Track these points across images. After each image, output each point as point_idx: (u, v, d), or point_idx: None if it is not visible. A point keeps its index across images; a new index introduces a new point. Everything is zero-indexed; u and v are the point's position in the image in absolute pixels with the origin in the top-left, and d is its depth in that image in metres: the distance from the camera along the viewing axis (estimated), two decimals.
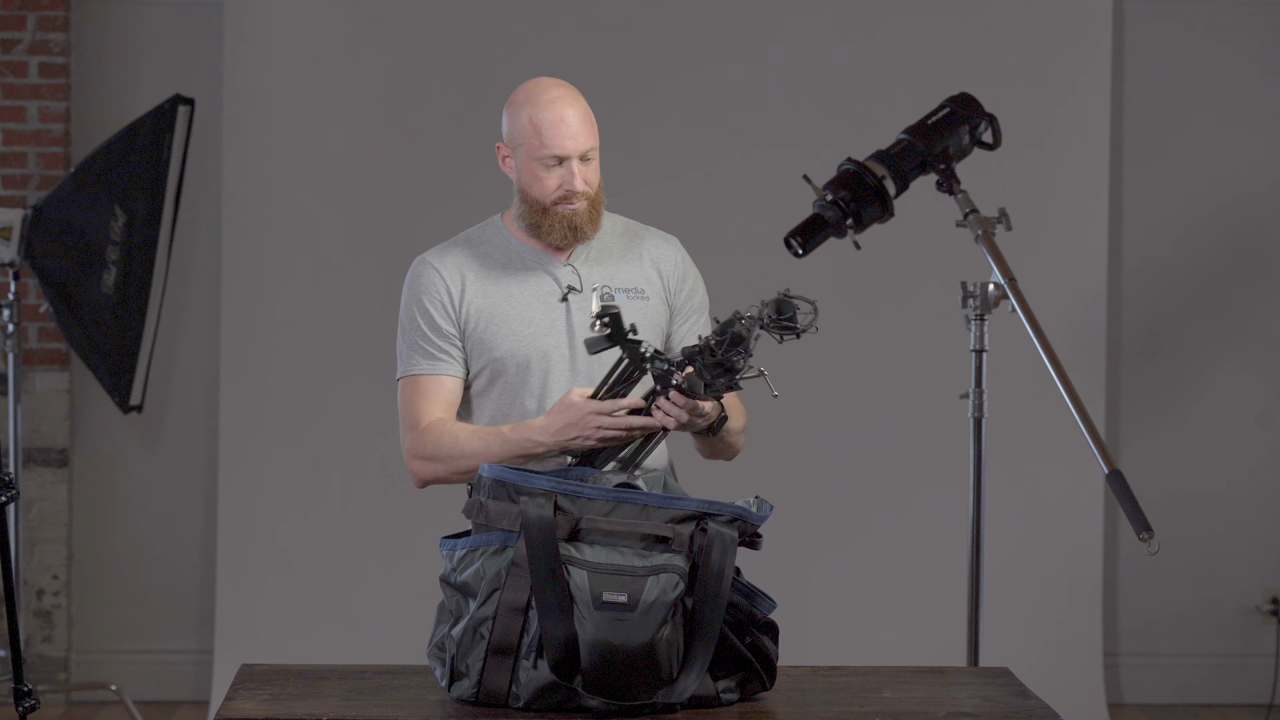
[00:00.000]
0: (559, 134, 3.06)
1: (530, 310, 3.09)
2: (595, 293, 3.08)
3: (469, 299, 3.12)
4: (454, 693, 2.58)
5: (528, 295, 3.10)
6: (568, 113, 3.08)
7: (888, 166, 3.66)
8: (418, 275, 3.19)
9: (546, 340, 3.08)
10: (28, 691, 3.33)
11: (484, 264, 3.14)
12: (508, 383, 3.10)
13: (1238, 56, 5.75)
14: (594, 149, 3.09)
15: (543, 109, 3.09)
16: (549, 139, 3.06)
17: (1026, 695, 2.68)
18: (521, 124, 3.10)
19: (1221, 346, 5.76)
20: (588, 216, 3.09)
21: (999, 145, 3.83)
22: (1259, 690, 5.69)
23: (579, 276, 3.11)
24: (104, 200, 5.04)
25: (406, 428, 3.15)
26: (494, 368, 3.10)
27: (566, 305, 3.10)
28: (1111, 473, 3.31)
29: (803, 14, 5.60)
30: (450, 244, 3.21)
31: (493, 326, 3.10)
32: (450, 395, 3.14)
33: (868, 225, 3.67)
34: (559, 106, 3.09)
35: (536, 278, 3.11)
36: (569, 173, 3.06)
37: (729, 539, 2.51)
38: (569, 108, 3.09)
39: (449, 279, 3.14)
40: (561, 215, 3.07)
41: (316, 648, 5.18)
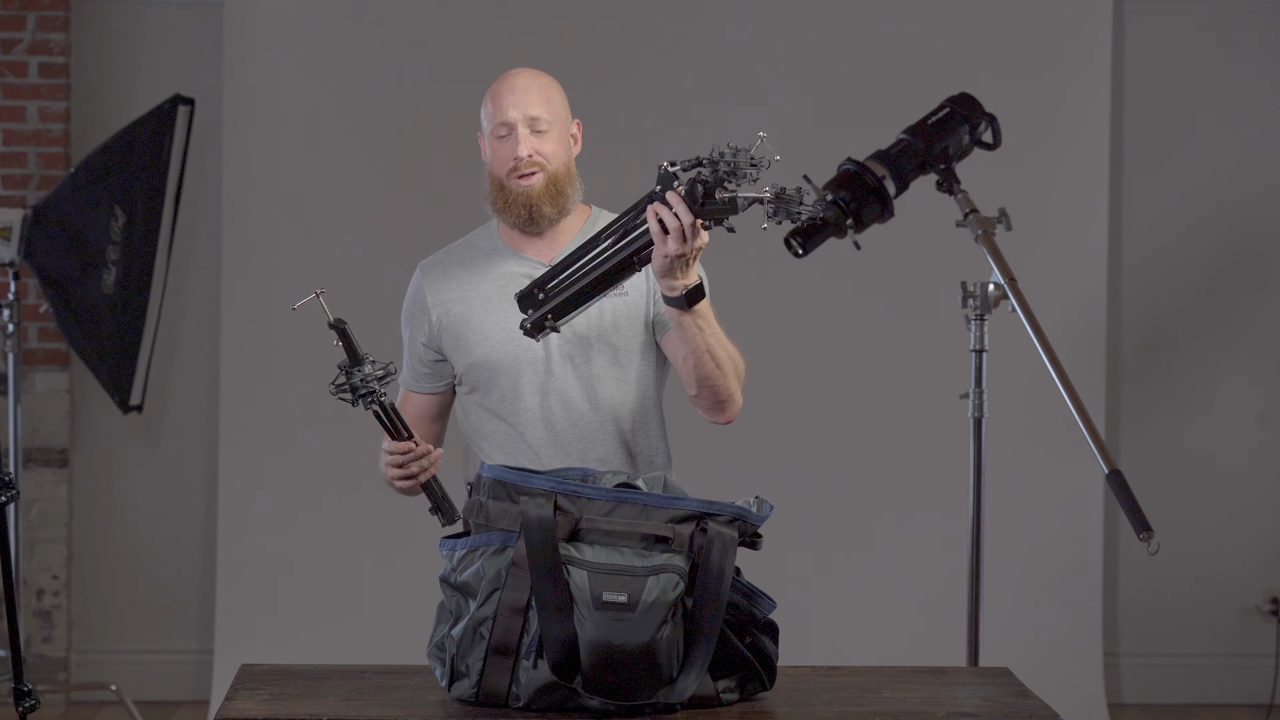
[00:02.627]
0: (505, 101, 3.14)
1: (505, 314, 3.15)
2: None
3: (448, 306, 3.21)
4: (454, 693, 2.58)
5: (505, 299, 3.15)
6: (516, 81, 3.16)
7: (888, 166, 3.66)
8: (410, 285, 3.32)
9: (519, 344, 3.13)
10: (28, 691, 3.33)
11: (467, 268, 3.22)
12: (483, 386, 3.21)
13: (1238, 56, 5.75)
14: (547, 120, 3.14)
15: (498, 85, 3.18)
16: (497, 110, 3.15)
17: (1026, 695, 2.68)
18: (484, 106, 3.20)
19: (1221, 346, 5.76)
20: (545, 193, 3.14)
21: (999, 145, 3.83)
22: (1259, 690, 5.69)
23: None
24: (104, 200, 5.04)
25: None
26: (471, 372, 3.21)
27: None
28: (1111, 473, 3.31)
29: (802, 14, 5.61)
30: (445, 250, 3.29)
31: (467, 331, 3.19)
32: (416, 410, 3.32)
33: (868, 225, 3.67)
34: (511, 78, 3.17)
35: (515, 281, 3.14)
36: (514, 142, 3.12)
37: (729, 539, 2.51)
38: (520, 78, 3.16)
39: (429, 289, 3.25)
40: (516, 193, 3.14)
41: (316, 648, 5.18)
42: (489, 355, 3.17)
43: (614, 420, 3.19)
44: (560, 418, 3.18)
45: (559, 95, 3.20)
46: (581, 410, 3.18)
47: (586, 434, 3.18)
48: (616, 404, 3.19)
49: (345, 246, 5.59)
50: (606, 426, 3.19)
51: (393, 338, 5.59)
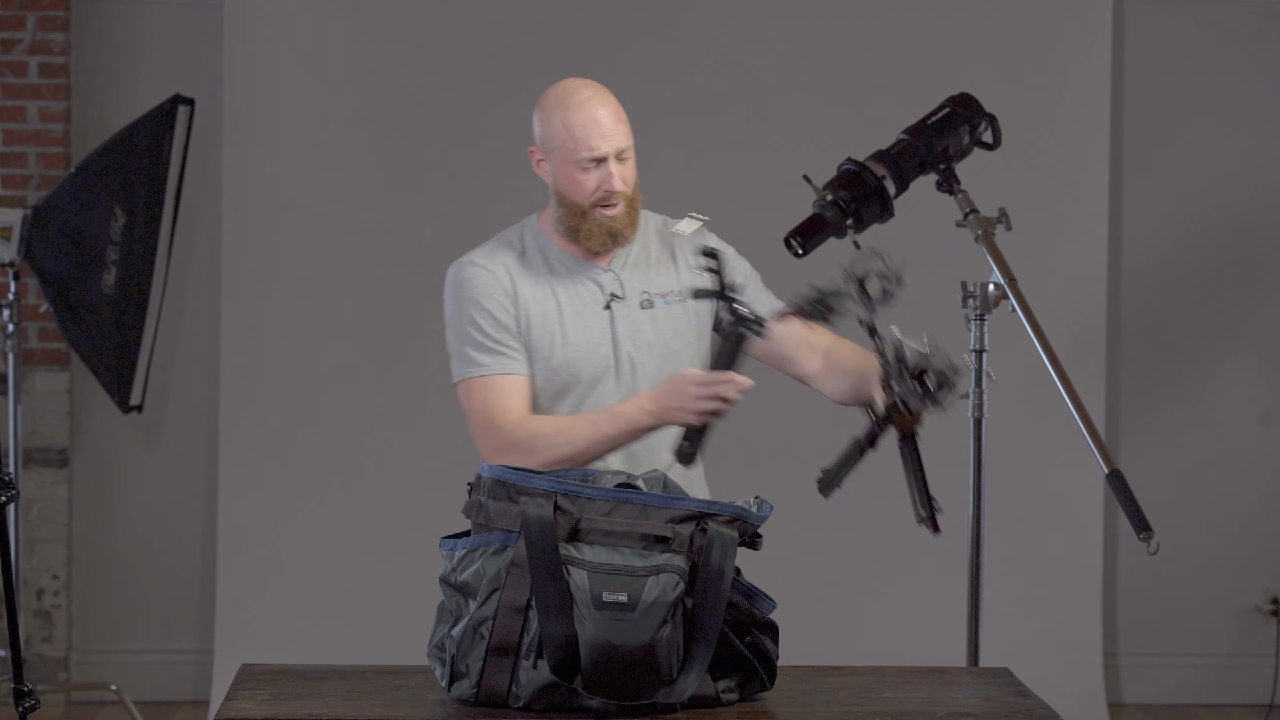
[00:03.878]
0: (593, 135, 3.06)
1: (580, 319, 3.11)
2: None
3: (521, 303, 3.12)
4: (454, 693, 2.58)
5: (575, 303, 3.11)
6: (600, 113, 3.07)
7: (888, 166, 3.66)
8: (468, 277, 3.15)
9: (598, 351, 3.10)
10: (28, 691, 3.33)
11: (529, 270, 3.14)
12: (557, 390, 3.13)
13: (1238, 56, 5.75)
14: (629, 148, 3.10)
15: (574, 111, 3.08)
16: (583, 140, 3.06)
17: (1026, 695, 2.68)
18: (554, 128, 3.10)
19: (1221, 346, 5.76)
20: (626, 219, 3.10)
21: (999, 145, 3.83)
22: (1259, 690, 5.69)
23: (620, 283, 3.13)
24: (104, 200, 5.04)
25: (485, 427, 3.11)
26: (545, 376, 3.12)
27: (610, 314, 3.12)
28: (1111, 473, 3.31)
29: (802, 13, 5.61)
30: (492, 247, 3.19)
31: (545, 335, 3.11)
32: (526, 394, 3.11)
33: (868, 225, 3.67)
34: (590, 107, 3.08)
35: (580, 285, 3.12)
36: (606, 173, 3.07)
37: (729, 539, 2.51)
38: (601, 108, 3.08)
39: (501, 280, 3.13)
40: (600, 220, 3.08)
41: (316, 648, 5.18)
42: (569, 360, 3.12)
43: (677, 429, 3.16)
44: None
45: (624, 113, 3.14)
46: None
47: (652, 441, 3.13)
48: None
49: (345, 246, 5.59)
50: (671, 434, 3.14)
51: (393, 337, 5.61)
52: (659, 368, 3.14)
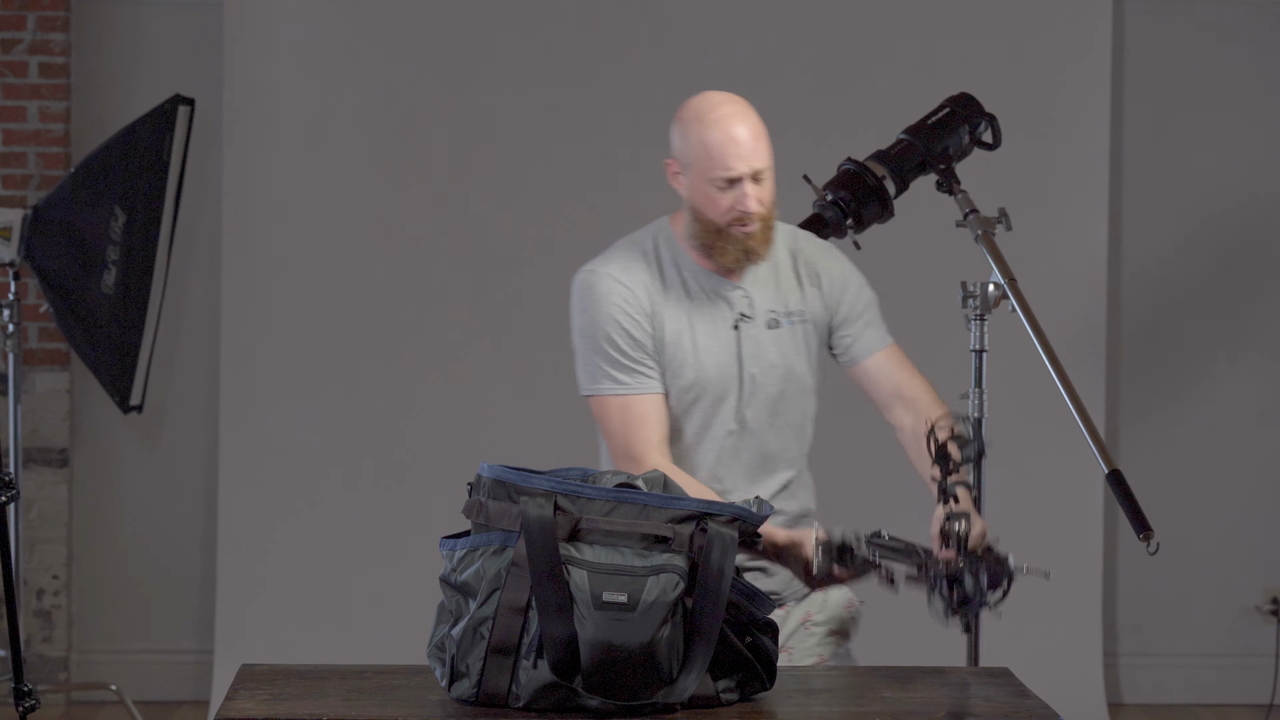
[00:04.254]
0: (729, 154, 2.98)
1: (709, 338, 3.06)
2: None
3: (657, 322, 3.06)
4: (454, 693, 2.58)
5: (706, 323, 3.06)
6: (738, 131, 2.99)
7: (888, 166, 3.66)
8: (606, 292, 3.06)
9: (724, 370, 3.06)
10: (28, 691, 3.33)
11: (664, 286, 3.07)
12: (683, 407, 3.09)
13: (1238, 56, 5.75)
14: (767, 169, 3.00)
15: (711, 128, 3.01)
16: (720, 159, 2.98)
17: (1026, 695, 2.68)
18: (691, 143, 3.03)
19: (1221, 346, 5.76)
20: (762, 239, 3.03)
21: (999, 145, 3.83)
22: (1259, 690, 5.69)
23: (750, 301, 3.08)
24: (104, 200, 5.04)
25: (623, 455, 3.05)
26: (675, 394, 3.08)
27: (738, 334, 3.07)
28: (1111, 473, 3.31)
29: (802, 13, 5.61)
30: (626, 258, 3.09)
31: (678, 354, 3.06)
32: (661, 415, 3.05)
33: (868, 225, 3.67)
34: (728, 125, 2.99)
35: (712, 302, 3.07)
36: (741, 194, 2.98)
37: (729, 539, 2.51)
38: (739, 125, 2.99)
39: (638, 294, 3.05)
40: (736, 238, 3.00)
41: (316, 648, 5.18)
42: (697, 380, 3.06)
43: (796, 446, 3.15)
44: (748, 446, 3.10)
45: (765, 130, 3.04)
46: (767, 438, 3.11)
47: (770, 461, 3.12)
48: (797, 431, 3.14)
49: (345, 246, 5.59)
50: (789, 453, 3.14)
51: (393, 338, 5.61)
52: (780, 388, 3.09)
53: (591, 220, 5.58)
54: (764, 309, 3.09)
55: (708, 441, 3.09)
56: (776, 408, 3.10)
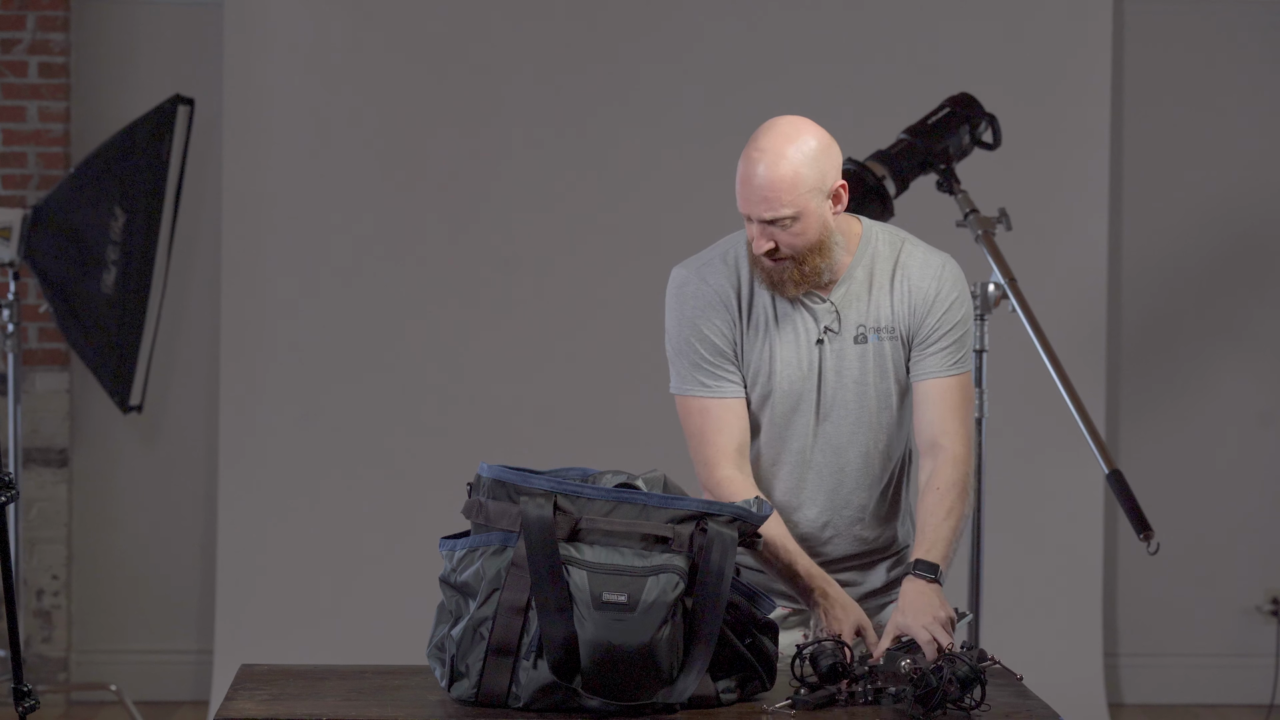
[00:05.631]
0: (741, 195, 2.89)
1: (791, 350, 2.97)
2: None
3: (739, 330, 2.98)
4: (454, 693, 2.58)
5: (788, 335, 2.97)
6: (757, 173, 2.86)
7: (888, 166, 3.67)
8: (692, 295, 2.99)
9: (802, 384, 2.97)
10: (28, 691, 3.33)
11: (749, 290, 2.99)
12: (757, 417, 3.01)
13: (1238, 56, 5.75)
14: (789, 217, 2.86)
15: (745, 160, 2.89)
16: (738, 195, 2.90)
17: (1026, 695, 2.68)
18: (738, 164, 2.94)
19: (1221, 346, 5.75)
20: (790, 278, 2.91)
21: (999, 145, 3.84)
22: (1259, 690, 5.68)
23: (838, 315, 2.96)
24: (104, 200, 5.04)
25: (700, 459, 2.99)
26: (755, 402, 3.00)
27: (821, 347, 2.96)
28: (1111, 473, 3.31)
29: (801, 12, 5.60)
30: (720, 261, 3.01)
31: (756, 364, 2.98)
32: (739, 420, 2.98)
33: None
34: (755, 163, 2.87)
35: (797, 313, 2.97)
36: (753, 234, 2.90)
37: (729, 539, 2.51)
38: (762, 166, 2.86)
39: (727, 302, 2.98)
40: (765, 266, 2.92)
41: (316, 648, 5.18)
42: (773, 390, 2.97)
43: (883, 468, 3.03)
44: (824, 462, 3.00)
45: (810, 169, 2.86)
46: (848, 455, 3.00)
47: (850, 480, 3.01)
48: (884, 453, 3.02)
49: (345, 246, 5.59)
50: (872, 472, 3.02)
51: (393, 337, 5.61)
52: (859, 403, 2.98)
53: (592, 220, 5.58)
54: (852, 323, 2.97)
55: (786, 456, 2.99)
56: (859, 425, 2.98)
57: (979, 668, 2.56)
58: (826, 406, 2.97)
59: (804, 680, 2.63)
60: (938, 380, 2.96)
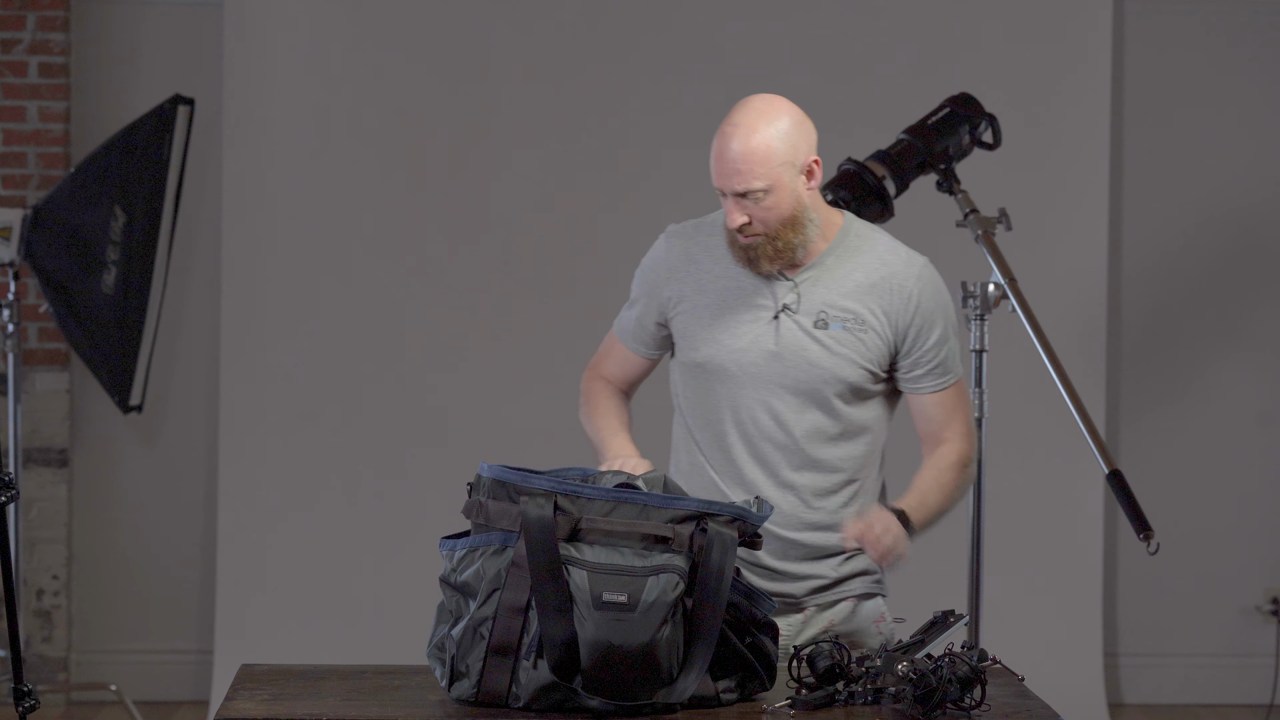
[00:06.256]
0: (716, 168, 2.96)
1: (739, 321, 3.00)
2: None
3: (686, 290, 3.05)
4: (454, 693, 2.58)
5: (740, 303, 3.01)
6: (731, 147, 2.94)
7: (888, 166, 3.66)
8: (656, 244, 3.15)
9: (746, 356, 3.00)
10: (28, 691, 3.33)
11: (710, 256, 3.05)
12: (701, 385, 3.05)
13: (1238, 56, 5.75)
14: (762, 190, 2.92)
15: (719, 136, 2.98)
16: (713, 169, 2.98)
17: (1026, 695, 2.68)
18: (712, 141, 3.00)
19: (1221, 346, 5.76)
20: (764, 253, 2.96)
21: (999, 145, 3.83)
22: (1259, 690, 5.69)
23: (799, 296, 2.99)
24: (104, 200, 5.04)
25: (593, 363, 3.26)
26: (692, 369, 3.05)
27: (777, 323, 2.99)
28: (1111, 473, 3.31)
29: (801, 12, 5.61)
30: (697, 224, 3.12)
31: (698, 327, 3.03)
32: (621, 364, 3.20)
33: None
34: (728, 138, 2.95)
35: (755, 288, 3.00)
36: (729, 208, 2.97)
37: (729, 539, 2.51)
38: (735, 141, 2.94)
39: (672, 259, 3.08)
40: (740, 242, 2.98)
41: (316, 648, 5.18)
42: (713, 357, 3.02)
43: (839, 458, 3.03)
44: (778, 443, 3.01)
45: (783, 143, 2.95)
46: (791, 433, 3.01)
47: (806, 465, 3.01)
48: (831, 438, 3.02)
49: (345, 246, 5.59)
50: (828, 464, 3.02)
51: (393, 337, 5.61)
52: (808, 383, 2.98)
53: (593, 220, 5.59)
54: (815, 306, 2.99)
55: (736, 428, 3.02)
56: (806, 406, 3.00)
57: (979, 668, 2.56)
58: (773, 384, 3.00)
59: (801, 680, 2.63)
60: (932, 395, 3.06)
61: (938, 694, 2.51)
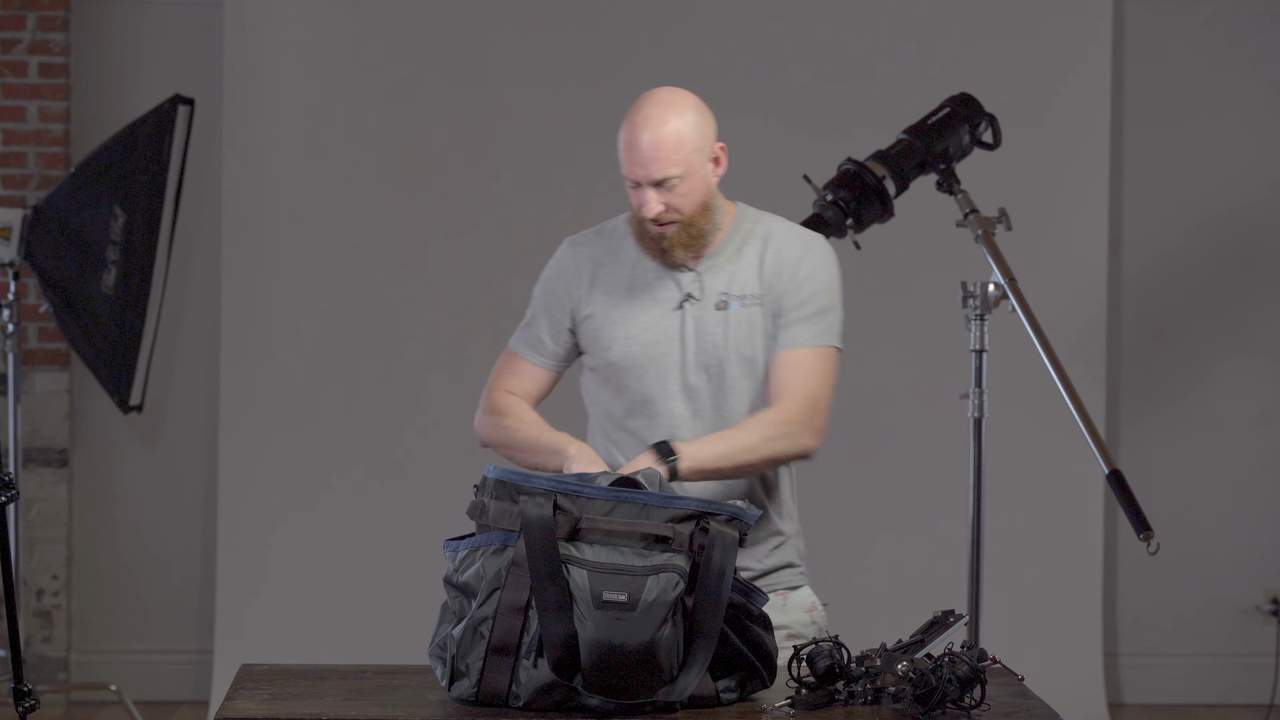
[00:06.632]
0: (628, 159, 3.01)
1: (647, 315, 3.06)
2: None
3: (593, 294, 3.10)
4: (454, 692, 2.58)
5: (648, 299, 3.06)
6: (643, 137, 3.00)
7: (888, 166, 3.67)
8: (557, 255, 3.18)
9: (657, 348, 3.05)
10: (28, 691, 3.33)
11: (615, 258, 3.11)
12: (615, 384, 3.09)
13: (1238, 56, 5.75)
14: (677, 176, 2.99)
15: (628, 129, 3.04)
16: (625, 162, 3.02)
17: (1026, 695, 2.68)
18: (618, 137, 3.06)
19: (1222, 346, 5.76)
20: (679, 240, 3.02)
21: (999, 145, 3.83)
22: (1259, 690, 5.69)
23: (701, 284, 3.05)
24: (104, 200, 5.04)
25: (486, 389, 3.18)
26: (605, 369, 3.09)
27: (682, 313, 3.04)
28: (1111, 473, 3.31)
29: (801, 12, 5.61)
30: (596, 231, 3.17)
31: (608, 326, 3.07)
32: (526, 380, 3.15)
33: (868, 225, 3.68)
34: (638, 129, 3.02)
35: (660, 282, 3.06)
36: (641, 198, 3.01)
37: (730, 538, 2.51)
38: (646, 132, 3.01)
39: (580, 268, 3.12)
40: (653, 235, 3.03)
41: (316, 648, 5.18)
42: (627, 354, 3.06)
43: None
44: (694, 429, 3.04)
45: (693, 131, 3.03)
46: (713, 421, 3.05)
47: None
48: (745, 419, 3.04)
49: (345, 246, 5.59)
50: None
51: (393, 337, 5.61)
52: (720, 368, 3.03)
53: (593, 220, 5.57)
54: (716, 291, 3.05)
55: (653, 420, 3.05)
56: (723, 389, 3.05)
57: (979, 668, 2.56)
58: (686, 371, 3.03)
59: (801, 680, 2.63)
60: (791, 351, 3.03)
61: (938, 694, 2.51)
